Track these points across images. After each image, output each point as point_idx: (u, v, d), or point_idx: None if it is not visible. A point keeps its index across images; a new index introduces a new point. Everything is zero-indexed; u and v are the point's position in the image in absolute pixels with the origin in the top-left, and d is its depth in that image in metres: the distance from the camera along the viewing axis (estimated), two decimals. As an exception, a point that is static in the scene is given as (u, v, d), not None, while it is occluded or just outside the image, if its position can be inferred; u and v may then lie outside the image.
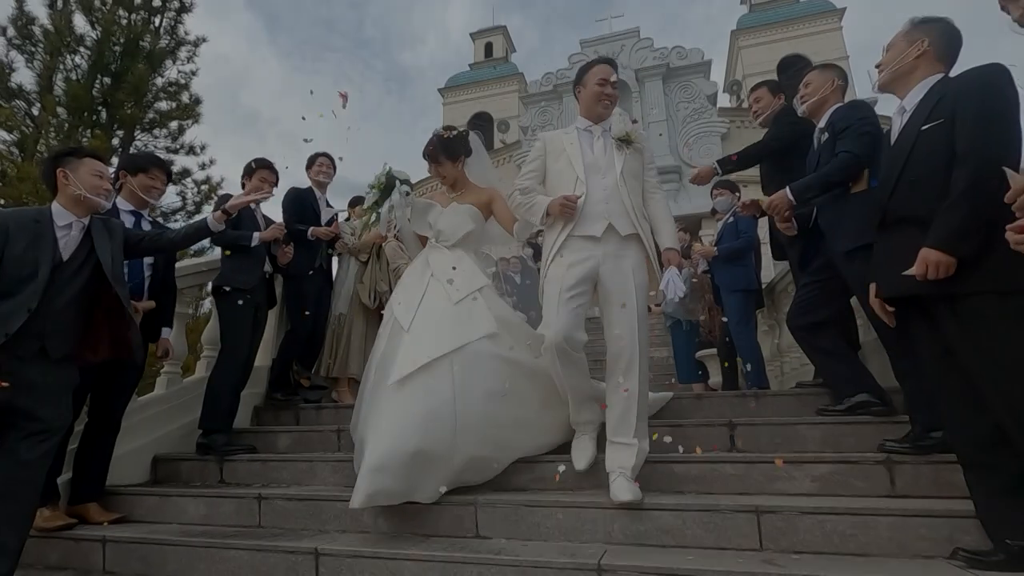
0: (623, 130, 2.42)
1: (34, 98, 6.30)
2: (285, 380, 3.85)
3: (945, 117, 1.68)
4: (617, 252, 2.28)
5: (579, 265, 2.27)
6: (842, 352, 2.56)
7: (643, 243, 2.34)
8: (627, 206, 2.32)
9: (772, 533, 1.85)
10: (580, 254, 2.29)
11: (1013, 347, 1.53)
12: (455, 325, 2.41)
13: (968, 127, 1.61)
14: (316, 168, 4.09)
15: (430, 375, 2.25)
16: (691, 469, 2.24)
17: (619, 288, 2.25)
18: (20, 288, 2.09)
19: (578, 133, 2.49)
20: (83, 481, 2.62)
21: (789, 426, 2.49)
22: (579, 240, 2.31)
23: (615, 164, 2.39)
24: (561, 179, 2.46)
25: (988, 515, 1.60)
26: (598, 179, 2.39)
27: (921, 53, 1.83)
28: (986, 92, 1.62)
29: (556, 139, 2.54)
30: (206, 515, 2.51)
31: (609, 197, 2.33)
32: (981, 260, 1.58)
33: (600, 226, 2.30)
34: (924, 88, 1.80)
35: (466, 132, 2.99)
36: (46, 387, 2.11)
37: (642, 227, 2.36)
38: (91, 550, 2.32)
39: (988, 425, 1.61)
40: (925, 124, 1.73)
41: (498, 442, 2.32)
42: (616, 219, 2.30)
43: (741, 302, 3.75)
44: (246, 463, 2.90)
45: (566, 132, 2.56)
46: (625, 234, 2.30)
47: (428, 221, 2.85)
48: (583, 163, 2.39)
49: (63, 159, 2.36)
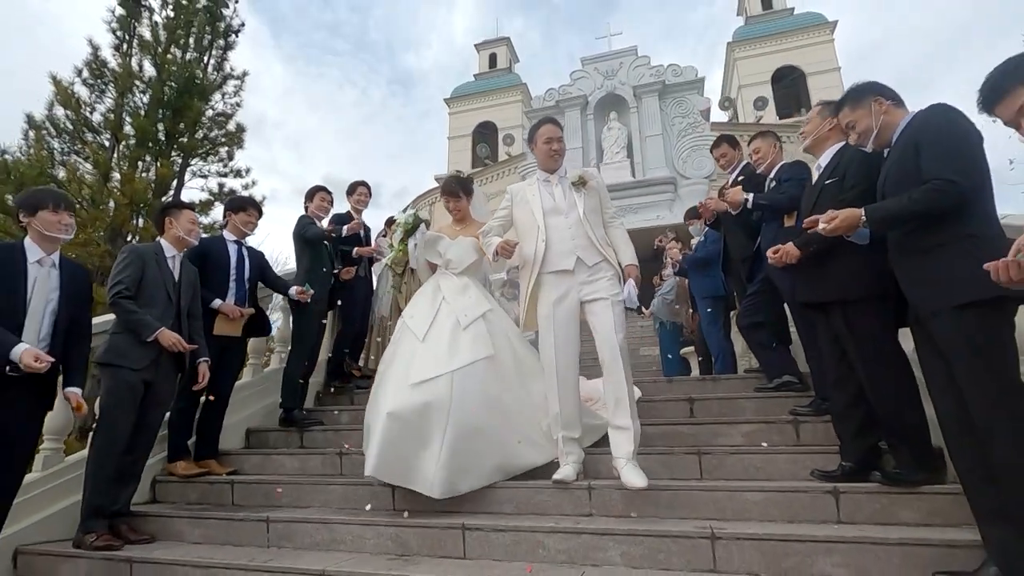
0: (577, 175, 2.81)
1: (102, 129, 7.22)
2: (340, 371, 4.72)
3: (839, 176, 2.43)
4: (589, 277, 2.68)
5: (564, 300, 2.66)
6: (775, 345, 3.41)
7: (610, 265, 2.72)
8: (592, 239, 2.70)
9: (709, 467, 2.70)
10: (560, 289, 2.67)
11: (875, 336, 2.24)
12: (461, 346, 2.79)
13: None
14: (356, 197, 4.96)
15: (436, 384, 2.64)
16: (657, 431, 3.09)
17: (596, 302, 2.65)
18: (156, 300, 2.95)
19: (538, 183, 2.88)
20: (203, 443, 3.49)
21: (733, 400, 3.35)
22: (554, 275, 2.69)
23: (577, 205, 2.75)
24: (525, 225, 2.84)
25: (845, 448, 2.44)
26: (560, 220, 2.75)
27: (832, 127, 2.59)
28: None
29: (520, 190, 2.93)
30: (300, 468, 3.37)
31: (575, 234, 2.70)
32: (863, 274, 2.24)
33: (570, 261, 2.67)
34: (831, 153, 2.58)
35: (470, 177, 3.77)
36: (166, 374, 2.96)
37: (606, 253, 2.73)
38: (222, 490, 3.18)
39: (852, 392, 2.39)
40: (828, 179, 2.50)
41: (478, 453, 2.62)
42: (583, 252, 2.68)
43: (709, 307, 4.60)
44: (320, 432, 3.77)
45: (529, 184, 2.95)
46: (592, 263, 2.68)
47: (438, 251, 3.26)
48: (542, 209, 2.78)
49: (170, 210, 3.23)
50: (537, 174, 2.95)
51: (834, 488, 2.29)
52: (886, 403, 2.19)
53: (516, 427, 2.78)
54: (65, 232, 2.40)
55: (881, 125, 2.10)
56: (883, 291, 2.16)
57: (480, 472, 2.62)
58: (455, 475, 2.53)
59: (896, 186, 2.00)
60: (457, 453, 2.53)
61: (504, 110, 25.55)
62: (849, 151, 2.41)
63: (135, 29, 7.75)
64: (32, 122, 7.00)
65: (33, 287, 2.31)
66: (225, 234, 3.68)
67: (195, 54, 8.03)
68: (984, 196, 1.86)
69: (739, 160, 4.06)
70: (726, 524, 2.22)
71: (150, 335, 2.80)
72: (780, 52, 22.49)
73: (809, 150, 2.74)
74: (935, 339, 1.85)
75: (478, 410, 2.65)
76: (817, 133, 2.62)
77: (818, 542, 2.03)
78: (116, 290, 2.83)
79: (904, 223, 1.94)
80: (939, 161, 1.85)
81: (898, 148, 2.05)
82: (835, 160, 2.50)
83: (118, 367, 2.79)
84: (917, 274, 1.91)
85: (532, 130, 2.95)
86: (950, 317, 1.78)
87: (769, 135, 3.53)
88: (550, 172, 2.89)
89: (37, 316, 2.30)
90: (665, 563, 2.12)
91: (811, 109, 2.77)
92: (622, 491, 2.50)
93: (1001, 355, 1.73)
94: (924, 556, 1.91)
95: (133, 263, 2.95)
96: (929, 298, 1.86)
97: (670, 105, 14.08)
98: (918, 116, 2.01)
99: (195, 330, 3.13)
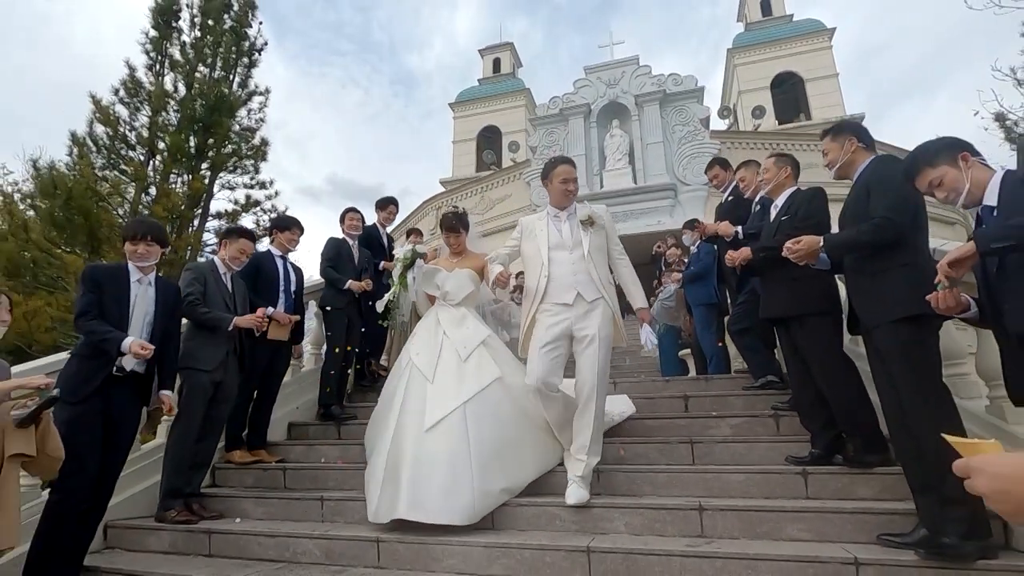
0: (586, 214, 2.94)
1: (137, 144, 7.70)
2: (363, 371, 5.18)
3: (791, 213, 2.95)
4: (586, 313, 2.80)
5: (556, 326, 2.80)
6: (759, 348, 3.86)
7: (607, 304, 2.84)
8: (593, 277, 2.83)
9: (700, 454, 3.15)
10: (557, 317, 2.81)
11: (825, 347, 2.76)
12: (466, 378, 2.95)
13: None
14: (384, 213, 5.41)
15: (448, 422, 2.80)
16: (656, 424, 3.55)
17: (586, 340, 2.76)
18: (216, 308, 3.40)
19: (548, 218, 3.02)
20: (255, 435, 3.94)
21: (723, 396, 3.80)
22: (554, 306, 2.84)
23: (582, 243, 2.88)
24: (531, 258, 2.98)
25: (813, 437, 2.89)
26: (565, 255, 2.88)
27: (787, 175, 3.12)
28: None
29: (530, 224, 3.08)
30: (341, 455, 3.82)
31: (577, 271, 2.83)
32: (814, 292, 2.80)
33: (571, 295, 2.81)
34: (786, 196, 3.08)
35: (465, 211, 3.90)
36: (231, 374, 3.41)
37: (606, 292, 2.84)
38: (275, 475, 3.63)
39: (812, 393, 2.86)
40: (784, 216, 3.01)
41: (507, 472, 2.79)
42: (583, 288, 2.81)
43: (704, 313, 5.04)
44: (355, 426, 4.21)
45: (539, 217, 3.08)
46: (591, 299, 2.80)
47: (436, 283, 3.43)
48: (548, 244, 2.92)
49: (229, 235, 3.67)
50: (547, 209, 3.08)
51: (803, 470, 2.73)
52: (839, 401, 2.65)
53: (526, 439, 2.96)
54: (140, 260, 2.83)
55: (846, 161, 2.56)
56: (830, 308, 2.64)
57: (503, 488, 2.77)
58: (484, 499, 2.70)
59: (852, 220, 2.45)
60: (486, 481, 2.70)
61: (508, 115, 25.98)
62: (800, 194, 2.97)
63: (167, 49, 8.25)
64: (75, 139, 7.51)
65: (135, 302, 2.76)
66: (272, 250, 4.13)
67: (222, 72, 8.54)
68: (918, 232, 2.31)
69: (730, 181, 4.50)
70: (712, 499, 2.66)
71: (228, 324, 3.27)
72: (779, 58, 22.88)
73: (768, 194, 3.25)
74: (878, 346, 2.30)
75: (493, 435, 2.81)
76: (776, 180, 3.11)
77: (787, 512, 2.48)
78: (188, 300, 3.29)
79: (853, 250, 2.39)
80: (882, 203, 2.30)
81: (856, 189, 2.50)
82: (789, 201, 3.03)
83: (192, 369, 3.25)
84: (864, 294, 2.35)
85: (548, 167, 3.05)
86: (888, 329, 2.23)
87: (752, 164, 3.98)
88: (561, 209, 3.02)
89: (137, 327, 2.75)
90: (661, 531, 2.57)
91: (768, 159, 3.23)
92: (626, 474, 2.95)
93: (926, 360, 2.18)
94: (872, 522, 2.35)
95: (197, 278, 3.41)
96: (873, 313, 2.30)
97: (670, 113, 14.52)
98: (871, 164, 2.46)
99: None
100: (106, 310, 2.64)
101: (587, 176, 14.53)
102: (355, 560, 2.66)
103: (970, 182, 1.86)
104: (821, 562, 2.13)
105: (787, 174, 3.12)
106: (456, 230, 3.55)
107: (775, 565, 2.17)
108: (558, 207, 3.03)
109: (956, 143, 1.94)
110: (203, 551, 2.95)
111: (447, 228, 3.58)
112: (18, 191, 14.33)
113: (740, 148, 14.43)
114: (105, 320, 2.63)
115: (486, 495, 2.69)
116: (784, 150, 14.74)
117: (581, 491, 2.67)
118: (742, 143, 14.58)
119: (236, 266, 3.55)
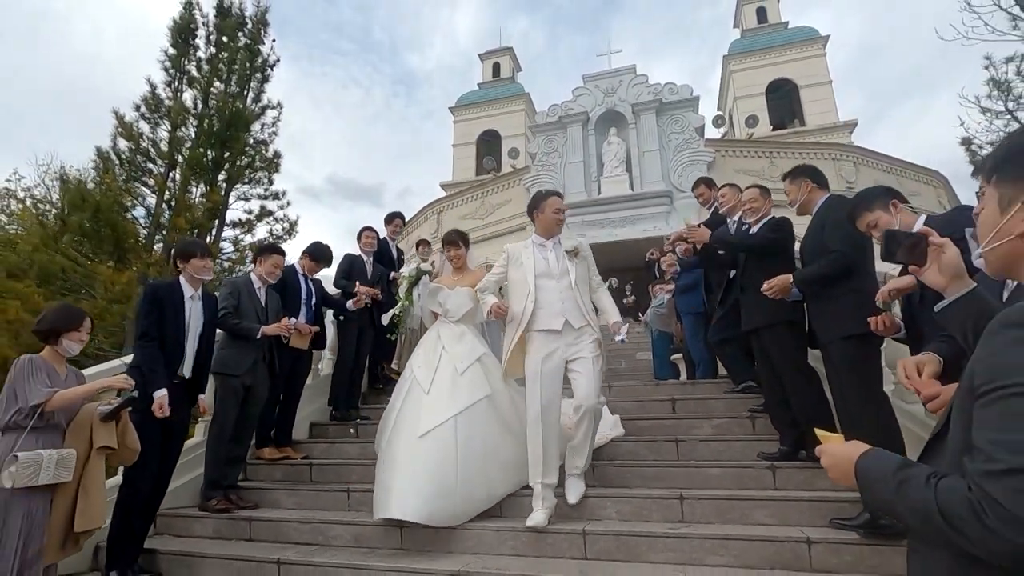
0: (573, 245, 3.11)
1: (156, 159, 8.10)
2: (375, 375, 5.57)
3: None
4: (575, 339, 2.98)
5: (550, 358, 2.94)
6: (739, 357, 4.25)
7: (594, 330, 3.02)
8: (579, 304, 2.99)
9: (684, 451, 3.55)
10: (549, 347, 2.94)
11: (790, 354, 3.17)
12: (460, 391, 3.15)
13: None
14: (392, 227, 5.80)
15: (441, 430, 3.02)
16: (646, 424, 3.94)
17: (579, 363, 2.97)
18: (248, 320, 3.78)
19: (533, 247, 3.13)
20: (281, 434, 4.33)
21: (707, 399, 4.20)
22: (543, 333, 2.96)
23: (569, 272, 3.04)
24: (517, 285, 3.11)
25: (781, 436, 3.29)
26: (552, 283, 3.02)
27: (769, 205, 3.49)
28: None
29: (516, 252, 3.18)
30: (360, 453, 4.20)
31: (565, 298, 2.98)
32: (779, 307, 3.18)
33: (559, 322, 2.96)
34: (763, 222, 3.46)
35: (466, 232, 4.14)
36: (261, 378, 3.79)
37: (591, 319, 3.03)
38: (302, 471, 4.02)
39: (779, 395, 3.26)
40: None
41: (489, 483, 3.02)
42: (570, 315, 2.97)
43: (693, 322, 5.43)
44: (370, 426, 4.59)
45: (524, 246, 3.19)
46: (578, 326, 2.98)
47: (438, 300, 3.64)
48: (535, 271, 3.04)
49: (263, 252, 4.05)
50: (533, 238, 3.20)
51: (771, 465, 3.14)
52: (800, 402, 3.05)
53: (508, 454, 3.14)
54: (206, 273, 3.23)
55: (804, 200, 2.97)
56: (794, 319, 3.02)
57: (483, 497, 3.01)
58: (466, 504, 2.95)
59: (811, 250, 2.86)
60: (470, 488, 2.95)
61: (508, 119, 26.37)
62: (771, 221, 3.34)
63: (184, 66, 8.63)
64: (100, 153, 7.88)
65: (189, 317, 3.14)
66: (296, 266, 4.52)
67: (236, 88, 8.92)
68: (865, 261, 2.71)
69: (714, 198, 4.90)
70: (693, 490, 3.05)
71: (256, 334, 3.64)
72: (774, 65, 23.31)
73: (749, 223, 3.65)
74: (831, 359, 2.70)
75: (480, 447, 3.03)
76: (763, 210, 3.50)
77: (756, 500, 2.88)
78: (223, 312, 3.67)
79: (816, 283, 2.79)
80: (835, 237, 2.70)
81: (813, 223, 2.91)
82: (765, 223, 3.43)
83: (225, 375, 3.63)
84: (820, 314, 2.76)
85: (539, 198, 3.19)
86: (839, 344, 2.63)
87: (735, 187, 4.37)
88: (547, 238, 3.15)
89: (192, 339, 3.15)
90: (647, 516, 2.96)
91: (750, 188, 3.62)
92: (617, 468, 3.35)
93: (871, 371, 2.58)
94: (826, 509, 2.75)
95: (232, 293, 3.79)
96: (826, 331, 2.71)
97: (666, 122, 14.91)
98: (825, 202, 2.87)
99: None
100: (166, 327, 3.02)
101: (585, 183, 14.95)
102: (381, 543, 3.04)
103: (899, 225, 2.26)
104: (780, 542, 2.53)
105: (770, 204, 3.51)
106: (456, 244, 3.76)
107: (742, 544, 2.56)
108: (545, 236, 3.16)
109: (889, 192, 2.35)
110: (244, 536, 3.34)
111: (448, 243, 3.79)
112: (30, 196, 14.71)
113: (734, 156, 14.87)
114: (165, 335, 3.00)
115: (468, 501, 2.93)
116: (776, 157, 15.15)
117: (580, 484, 2.98)
118: (736, 151, 15.01)
119: (272, 279, 3.93)
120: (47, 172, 12.08)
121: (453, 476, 2.91)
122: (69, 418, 2.54)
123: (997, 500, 0.65)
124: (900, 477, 0.78)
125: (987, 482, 0.67)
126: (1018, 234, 0.85)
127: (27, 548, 2.34)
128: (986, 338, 0.76)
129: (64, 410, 2.50)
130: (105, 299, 6.22)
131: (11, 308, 5.57)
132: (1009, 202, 0.86)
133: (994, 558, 0.68)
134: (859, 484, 0.86)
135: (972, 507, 0.68)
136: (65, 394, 2.45)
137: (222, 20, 8.90)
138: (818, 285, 2.78)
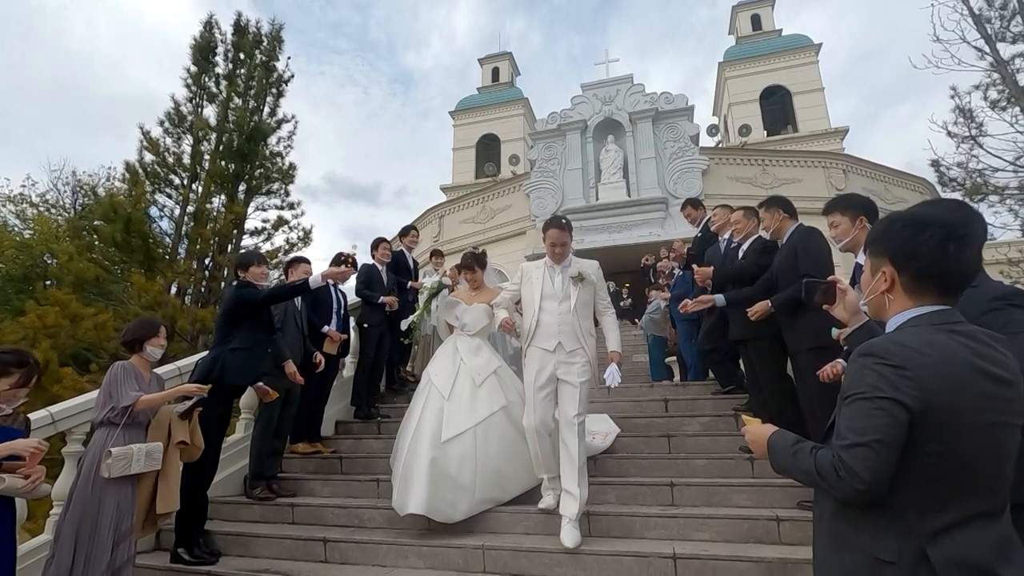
0: (577, 271, 3.23)
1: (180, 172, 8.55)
2: (392, 377, 6.02)
3: (746, 256, 3.81)
4: (567, 359, 3.14)
5: (543, 372, 3.15)
6: (725, 362, 4.73)
7: (585, 353, 3.16)
8: (575, 328, 3.15)
9: (675, 446, 4.02)
10: (542, 362, 3.15)
11: (771, 363, 3.62)
12: (479, 402, 3.39)
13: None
14: (407, 239, 6.24)
15: (462, 439, 3.30)
16: (641, 421, 4.41)
17: (566, 383, 3.12)
18: (288, 327, 4.22)
19: (545, 268, 3.31)
20: (312, 430, 4.78)
21: (696, 400, 4.67)
22: (539, 350, 3.19)
23: (571, 297, 3.18)
24: (527, 302, 3.32)
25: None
26: (554, 305, 3.20)
27: (754, 224, 3.95)
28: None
29: (529, 271, 3.36)
30: (384, 448, 4.64)
31: (562, 322, 3.15)
32: (764, 321, 3.64)
33: (552, 343, 3.15)
34: (750, 240, 3.92)
35: (484, 252, 4.45)
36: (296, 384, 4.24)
37: (585, 343, 3.17)
38: (332, 463, 4.47)
39: (761, 397, 3.73)
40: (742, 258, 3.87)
41: (502, 486, 3.35)
42: (564, 338, 3.14)
43: (686, 328, 5.90)
44: (391, 423, 5.05)
45: (536, 266, 3.36)
46: (569, 349, 3.14)
47: (455, 314, 3.84)
48: (541, 293, 3.22)
49: (293, 262, 4.50)
50: (546, 259, 3.37)
51: (750, 457, 3.60)
52: (775, 403, 3.51)
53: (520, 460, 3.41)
54: (265, 279, 3.68)
55: (775, 228, 3.44)
56: (775, 331, 3.48)
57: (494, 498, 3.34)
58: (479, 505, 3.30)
59: (784, 274, 3.32)
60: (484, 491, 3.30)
61: (507, 123, 26.80)
62: (758, 243, 3.80)
63: (205, 83, 9.05)
64: (129, 167, 8.29)
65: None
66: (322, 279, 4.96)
67: (254, 103, 9.34)
68: (828, 281, 3.17)
69: (702, 218, 5.36)
70: (681, 479, 3.52)
71: (284, 360, 4.07)
72: (768, 72, 23.83)
73: (738, 241, 4.10)
74: (798, 366, 3.17)
75: (497, 454, 3.33)
76: (747, 230, 3.95)
77: (736, 487, 3.35)
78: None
79: (791, 304, 3.25)
80: (806, 262, 3.17)
81: (786, 248, 3.37)
82: (752, 245, 3.87)
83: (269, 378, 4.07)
84: (789, 327, 3.22)
85: (543, 227, 3.34)
86: (805, 354, 3.10)
87: (726, 207, 4.83)
88: (555, 263, 3.30)
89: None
90: (641, 501, 3.43)
91: (737, 211, 4.08)
92: (616, 460, 3.81)
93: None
94: (796, 493, 3.22)
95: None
96: (795, 342, 3.17)
97: (662, 130, 15.39)
98: (796, 231, 3.34)
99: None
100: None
101: (584, 189, 15.42)
102: (411, 525, 3.49)
103: (852, 239, 2.63)
104: (753, 519, 3.00)
105: (754, 224, 3.95)
106: (472, 268, 4.00)
107: (720, 522, 3.03)
108: (553, 261, 3.31)
109: (865, 206, 2.70)
110: (288, 520, 3.79)
111: (464, 267, 4.05)
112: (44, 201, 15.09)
113: (728, 163, 15.34)
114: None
115: (481, 503, 3.30)
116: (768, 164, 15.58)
117: (575, 533, 2.94)
118: (730, 159, 15.48)
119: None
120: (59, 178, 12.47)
121: (472, 481, 3.25)
122: (151, 416, 2.99)
123: (845, 461, 1.11)
124: (794, 449, 1.23)
125: (841, 452, 1.12)
126: (881, 291, 1.31)
127: (120, 526, 2.79)
128: (850, 362, 1.22)
129: (148, 410, 2.94)
130: (138, 306, 6.62)
131: (50, 314, 5.99)
132: (875, 269, 1.31)
133: (846, 499, 1.13)
134: (769, 454, 1.30)
135: (834, 467, 1.13)
136: (149, 398, 2.89)
137: (239, 38, 9.33)
138: (792, 306, 3.24)
